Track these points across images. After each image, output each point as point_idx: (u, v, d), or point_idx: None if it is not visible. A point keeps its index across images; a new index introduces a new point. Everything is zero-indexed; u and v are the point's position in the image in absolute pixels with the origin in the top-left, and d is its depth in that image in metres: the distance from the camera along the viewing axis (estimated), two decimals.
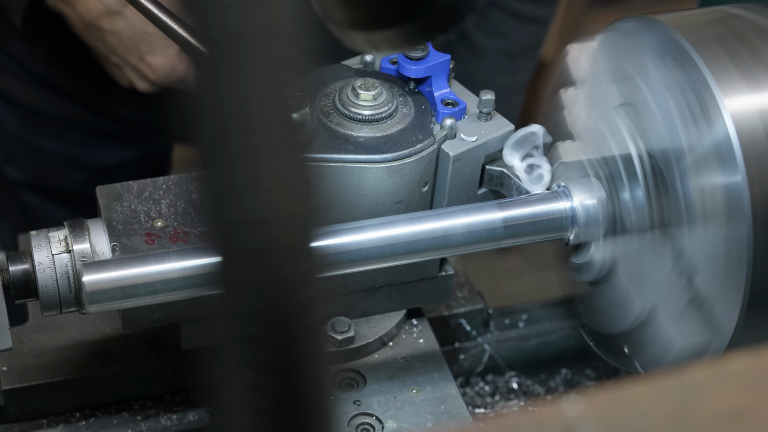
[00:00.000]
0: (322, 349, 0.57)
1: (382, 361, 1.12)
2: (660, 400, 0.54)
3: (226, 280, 0.55)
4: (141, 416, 1.12)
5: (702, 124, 0.89)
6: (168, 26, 0.96)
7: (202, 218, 0.99)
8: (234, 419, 0.57)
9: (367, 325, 1.12)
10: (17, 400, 1.09)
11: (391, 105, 1.04)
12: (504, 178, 1.06)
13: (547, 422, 0.53)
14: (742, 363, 0.55)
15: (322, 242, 0.55)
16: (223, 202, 0.54)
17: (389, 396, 1.08)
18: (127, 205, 1.02)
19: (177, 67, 1.53)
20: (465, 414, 1.08)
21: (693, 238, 0.91)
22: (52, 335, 1.13)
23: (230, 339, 0.55)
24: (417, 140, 1.02)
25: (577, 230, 1.01)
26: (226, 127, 0.53)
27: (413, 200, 1.04)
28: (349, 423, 1.06)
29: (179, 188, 1.04)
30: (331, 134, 1.02)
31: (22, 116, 1.70)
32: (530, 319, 1.29)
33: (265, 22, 0.52)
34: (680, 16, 0.97)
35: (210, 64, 0.52)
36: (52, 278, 0.95)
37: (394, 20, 0.86)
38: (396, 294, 1.12)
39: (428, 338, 1.15)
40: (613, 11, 2.75)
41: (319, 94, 1.05)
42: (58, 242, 0.96)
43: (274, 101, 0.53)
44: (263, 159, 0.53)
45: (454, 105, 1.05)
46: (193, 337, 1.03)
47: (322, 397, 0.57)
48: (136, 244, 0.99)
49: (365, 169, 1.00)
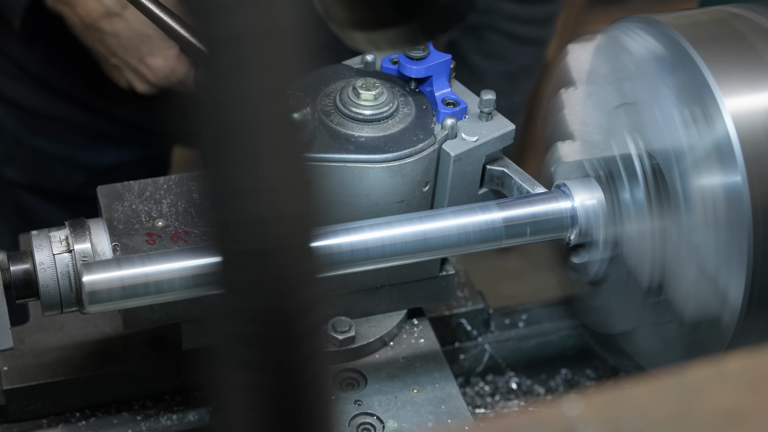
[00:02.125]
0: (323, 349, 0.57)
1: (383, 361, 1.12)
2: (660, 400, 0.54)
3: (226, 280, 0.55)
4: (141, 416, 1.12)
5: (702, 124, 0.89)
6: (169, 26, 0.97)
7: (203, 218, 0.99)
8: (234, 419, 0.57)
9: (367, 324, 1.12)
10: (18, 399, 1.09)
11: (392, 105, 1.04)
12: (505, 178, 1.06)
13: (547, 422, 0.53)
14: (742, 363, 0.55)
15: (322, 242, 0.55)
16: (224, 202, 0.54)
17: (390, 396, 1.09)
18: (128, 204, 1.02)
19: (177, 68, 1.53)
20: (466, 414, 1.08)
21: (693, 238, 0.91)
22: (53, 335, 1.13)
23: (230, 339, 0.55)
24: (418, 140, 1.02)
25: (577, 230, 1.01)
26: (226, 127, 0.53)
27: (414, 200, 1.04)
28: (350, 423, 1.06)
29: (180, 188, 1.04)
30: (332, 134, 1.02)
31: (21, 117, 1.70)
32: (530, 319, 1.29)
33: (266, 22, 0.52)
34: (680, 16, 0.97)
35: (210, 65, 0.52)
36: (53, 278, 0.95)
37: (395, 20, 0.86)
38: (397, 294, 1.12)
39: (429, 338, 1.15)
40: (613, 11, 2.75)
41: (320, 94, 1.05)
42: (59, 242, 0.96)
43: (274, 101, 0.53)
44: (263, 159, 0.53)
45: (455, 105, 1.05)
46: (195, 337, 1.03)
47: (322, 397, 0.57)
48: (137, 244, 0.99)
49: (366, 168, 1.00)
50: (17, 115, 1.70)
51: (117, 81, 1.56)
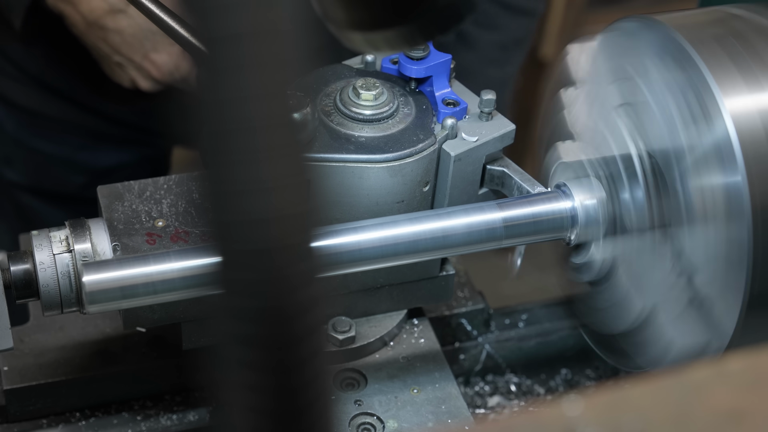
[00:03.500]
0: (323, 349, 0.57)
1: (383, 361, 1.12)
2: (660, 400, 0.54)
3: (226, 280, 0.55)
4: (141, 416, 1.12)
5: (702, 124, 0.89)
6: (169, 26, 0.96)
7: (203, 218, 0.99)
8: (234, 419, 0.57)
9: (368, 324, 1.12)
10: (18, 399, 1.09)
11: (392, 105, 1.04)
12: (505, 178, 1.06)
13: (547, 422, 0.53)
14: (742, 363, 0.55)
15: (322, 242, 0.55)
16: (224, 202, 0.54)
17: (390, 396, 1.09)
18: (128, 204, 1.02)
19: (180, 65, 1.52)
20: (466, 414, 1.08)
21: (693, 238, 0.91)
22: (53, 335, 1.13)
23: (230, 339, 0.55)
24: (418, 140, 1.02)
25: (578, 230, 1.01)
26: (226, 127, 0.53)
27: (414, 200, 1.04)
28: (350, 423, 1.06)
29: (180, 188, 1.04)
30: (332, 134, 1.02)
31: (21, 118, 1.69)
32: (530, 319, 1.29)
33: (265, 21, 0.52)
34: (680, 16, 0.97)
35: (210, 65, 0.52)
36: (53, 278, 0.95)
37: (393, 20, 0.86)
38: (397, 294, 1.12)
39: (429, 338, 1.15)
40: (613, 11, 2.75)
41: (320, 94, 1.05)
42: (59, 242, 0.96)
43: (274, 101, 0.53)
44: (263, 159, 0.53)
45: (455, 105, 1.05)
46: (195, 337, 1.03)
47: (322, 397, 0.57)
48: (137, 244, 0.99)
49: (366, 168, 1.00)
50: (17, 115, 1.69)
51: (120, 79, 1.55)
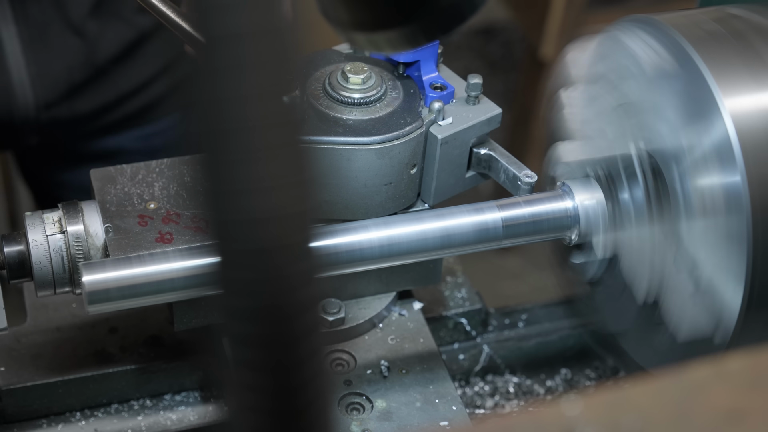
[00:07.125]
0: (322, 348, 0.57)
1: (372, 342, 1.13)
2: (660, 400, 0.54)
3: (225, 280, 0.55)
4: (141, 416, 1.12)
5: (701, 124, 0.89)
6: (172, 20, 0.96)
7: (194, 200, 1.02)
8: (234, 419, 0.57)
9: (357, 306, 1.13)
10: (15, 400, 1.09)
11: (380, 89, 1.05)
12: (492, 161, 1.08)
13: (547, 422, 0.53)
14: (742, 363, 0.55)
15: (322, 242, 0.55)
16: (223, 201, 0.54)
17: (379, 376, 1.09)
18: (120, 187, 1.04)
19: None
20: (454, 394, 1.08)
21: (693, 238, 0.91)
22: (50, 335, 1.13)
23: (230, 338, 0.55)
24: (405, 123, 1.03)
25: (578, 230, 1.01)
26: (225, 126, 0.53)
27: (402, 182, 1.05)
28: (339, 402, 1.06)
29: (172, 171, 1.06)
30: (321, 117, 1.03)
31: None
32: (530, 319, 1.29)
33: (265, 21, 0.52)
34: (680, 16, 0.97)
35: (209, 63, 0.52)
36: (46, 256, 0.96)
37: (396, 21, 0.86)
38: (386, 276, 1.13)
39: (417, 320, 1.16)
40: (613, 11, 2.75)
41: (310, 78, 1.06)
42: (52, 223, 0.97)
43: (273, 100, 0.53)
44: (262, 158, 0.53)
45: (443, 89, 1.07)
46: (186, 318, 1.03)
47: (321, 396, 0.57)
48: (129, 226, 1.00)
49: (354, 151, 1.01)
50: None
51: None
